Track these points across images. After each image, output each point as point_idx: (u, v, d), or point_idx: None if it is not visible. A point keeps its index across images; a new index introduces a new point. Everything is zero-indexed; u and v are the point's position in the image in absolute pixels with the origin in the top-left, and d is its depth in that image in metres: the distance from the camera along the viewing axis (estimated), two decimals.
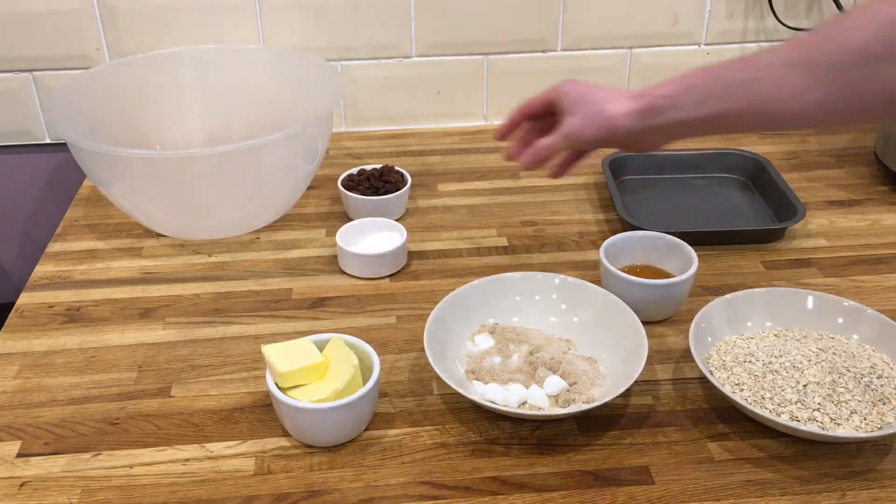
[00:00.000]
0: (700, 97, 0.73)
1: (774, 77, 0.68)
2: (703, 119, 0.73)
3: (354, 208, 1.04)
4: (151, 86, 1.11)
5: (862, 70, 0.64)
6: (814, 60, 0.66)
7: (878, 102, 0.65)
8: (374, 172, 1.07)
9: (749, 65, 0.71)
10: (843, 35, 0.65)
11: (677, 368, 0.81)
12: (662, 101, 0.74)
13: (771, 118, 0.71)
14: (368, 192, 1.04)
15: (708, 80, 0.73)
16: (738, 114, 0.71)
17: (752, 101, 0.70)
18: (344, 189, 1.04)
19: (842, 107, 0.67)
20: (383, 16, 1.22)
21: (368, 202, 1.02)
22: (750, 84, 0.70)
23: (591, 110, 0.78)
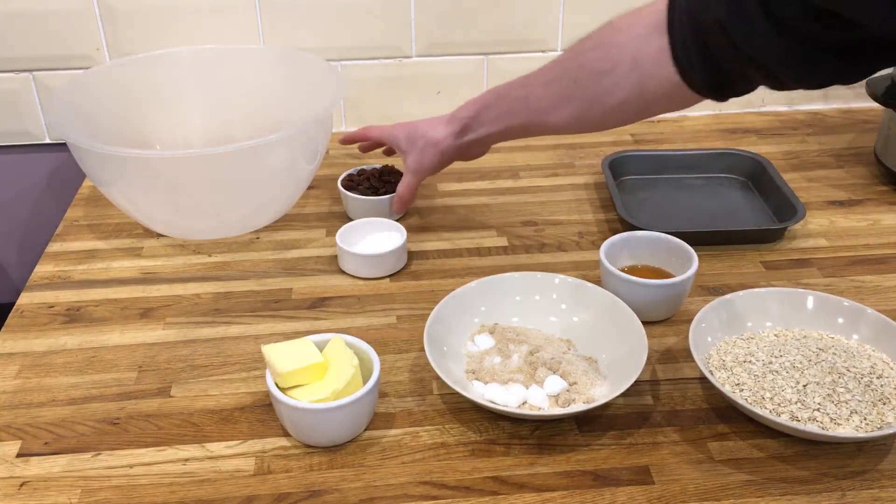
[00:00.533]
0: (493, 115, 0.88)
1: (538, 93, 0.83)
2: (500, 132, 0.89)
3: (354, 208, 1.04)
4: (151, 86, 1.11)
5: (595, 84, 0.77)
6: (564, 76, 0.80)
7: (612, 107, 0.77)
8: (373, 172, 1.07)
9: (525, 83, 0.84)
10: (582, 56, 0.78)
11: (677, 368, 0.81)
12: (468, 121, 0.91)
13: (543, 126, 0.84)
14: (368, 192, 1.04)
15: (499, 98, 0.88)
16: (521, 126, 0.86)
17: (529, 114, 0.84)
18: (344, 189, 1.04)
19: (588, 115, 0.80)
20: (383, 16, 1.22)
21: (368, 202, 1.02)
22: (524, 100, 0.84)
23: (420, 144, 0.95)
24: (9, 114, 1.24)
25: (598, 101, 0.78)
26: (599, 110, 0.79)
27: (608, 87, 0.76)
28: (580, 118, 0.81)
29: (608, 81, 0.76)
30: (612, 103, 0.77)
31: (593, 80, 0.77)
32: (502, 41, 1.25)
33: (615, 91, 0.76)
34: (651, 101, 0.75)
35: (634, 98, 0.75)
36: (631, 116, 0.80)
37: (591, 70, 0.77)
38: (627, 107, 0.77)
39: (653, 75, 0.73)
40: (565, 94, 0.80)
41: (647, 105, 0.76)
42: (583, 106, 0.79)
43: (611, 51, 0.75)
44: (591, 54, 0.77)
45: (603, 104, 0.78)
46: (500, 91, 0.88)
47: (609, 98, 0.77)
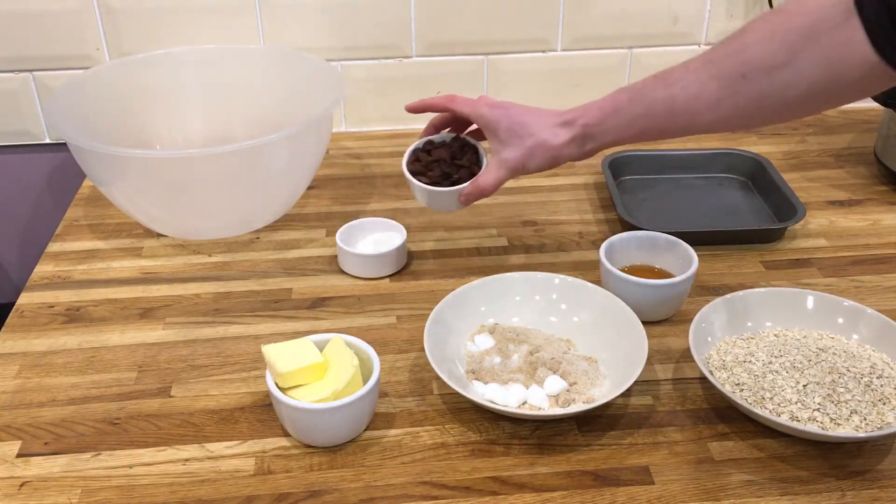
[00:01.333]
0: (625, 119, 0.80)
1: (690, 92, 0.75)
2: (630, 137, 0.81)
3: (426, 198, 0.89)
4: (151, 86, 1.11)
5: (767, 78, 0.70)
6: (724, 73, 0.73)
7: (785, 104, 0.71)
8: (444, 152, 0.89)
9: (665, 82, 0.77)
10: (749, 49, 0.71)
11: (677, 368, 0.81)
12: (593, 128, 0.81)
13: (688, 129, 0.78)
14: (441, 179, 0.88)
15: (631, 100, 0.79)
16: (660, 128, 0.79)
17: (671, 115, 0.77)
18: (411, 176, 0.88)
19: (753, 112, 0.73)
20: (383, 16, 1.22)
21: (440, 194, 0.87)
22: (668, 101, 0.76)
23: (531, 143, 0.83)
24: (9, 114, 1.24)
25: (772, 96, 0.71)
26: (772, 106, 0.72)
27: (787, 80, 0.69)
28: (746, 115, 0.74)
29: (787, 73, 0.69)
30: (791, 98, 0.70)
31: (766, 73, 0.70)
32: (502, 41, 1.25)
33: (796, 84, 0.69)
34: (842, 88, 0.68)
35: (821, 88, 0.69)
36: (812, 108, 0.73)
37: (764, 64, 0.70)
38: (811, 99, 0.70)
39: (845, 60, 0.66)
40: (727, 91, 0.73)
41: (835, 94, 0.70)
42: (751, 103, 0.72)
43: (788, 38, 0.68)
44: (761, 46, 0.70)
45: (780, 98, 0.71)
46: (633, 93, 0.79)
47: (788, 92, 0.70)
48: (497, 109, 0.85)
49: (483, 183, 0.85)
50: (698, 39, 1.28)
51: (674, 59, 0.76)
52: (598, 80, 1.29)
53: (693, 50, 1.28)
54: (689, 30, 1.27)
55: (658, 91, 0.77)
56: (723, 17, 1.26)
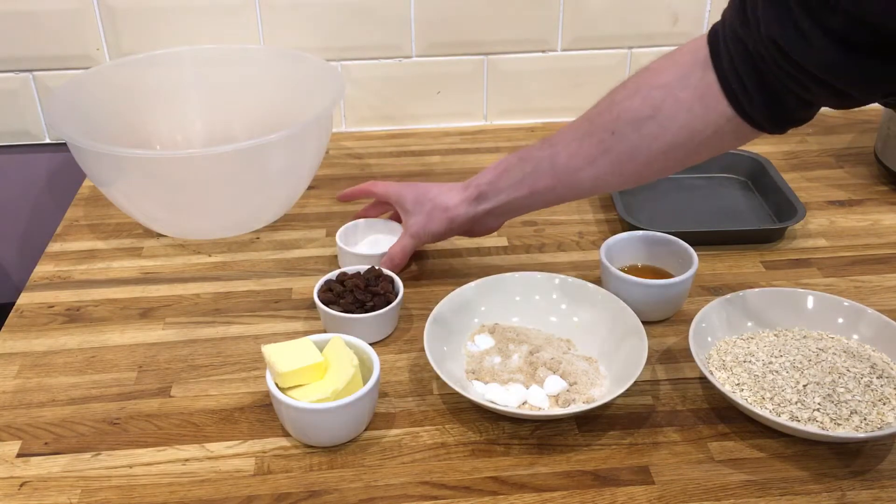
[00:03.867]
0: (515, 178, 0.82)
1: (568, 150, 0.78)
2: (523, 197, 0.83)
3: (334, 325, 0.84)
4: (151, 86, 1.11)
5: (636, 132, 0.73)
6: (598, 129, 0.75)
7: (653, 158, 0.74)
8: (358, 282, 0.86)
9: (550, 142, 0.80)
10: (617, 106, 0.74)
11: (677, 368, 0.81)
12: (485, 187, 0.85)
13: (573, 187, 0.80)
14: (353, 307, 0.84)
15: (521, 160, 0.82)
16: (548, 188, 0.81)
17: (556, 174, 0.79)
18: (322, 304, 0.84)
19: (628, 167, 0.76)
20: (383, 16, 1.22)
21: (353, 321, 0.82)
22: (551, 158, 0.79)
23: (428, 208, 0.89)
24: (9, 114, 1.24)
25: (639, 151, 0.73)
26: (642, 160, 0.74)
27: (652, 133, 0.72)
28: (619, 172, 0.76)
29: (651, 127, 0.72)
30: (657, 150, 0.73)
31: (633, 127, 0.73)
32: (502, 41, 1.25)
33: (660, 136, 0.72)
34: (701, 141, 0.71)
35: (683, 142, 0.71)
36: (675, 163, 0.75)
37: (631, 118, 0.72)
38: (674, 152, 0.73)
39: (702, 114, 0.69)
40: (601, 147, 0.75)
41: (696, 147, 0.72)
42: (621, 158, 0.75)
43: (651, 93, 0.71)
44: (628, 102, 0.73)
45: (646, 153, 0.73)
46: (521, 154, 0.82)
47: (653, 144, 0.72)
48: (408, 185, 0.92)
49: (391, 251, 0.91)
50: None
51: None
52: (598, 80, 1.29)
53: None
54: (689, 30, 1.27)
55: (543, 150, 0.80)
56: None
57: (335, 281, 0.87)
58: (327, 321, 0.84)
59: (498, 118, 1.32)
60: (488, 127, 1.31)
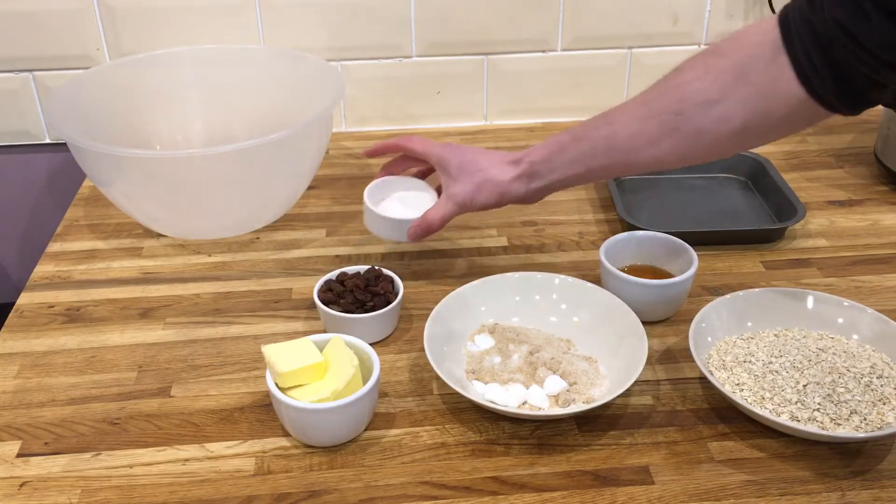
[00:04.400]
0: (569, 157, 0.81)
1: (629, 129, 0.77)
2: (577, 175, 0.82)
3: (334, 325, 0.84)
4: (151, 86, 1.11)
5: (704, 114, 0.72)
6: (661, 111, 0.75)
7: (719, 140, 0.73)
8: (358, 282, 0.86)
9: (607, 121, 0.79)
10: (685, 87, 0.73)
11: (677, 368, 0.81)
12: (539, 166, 0.83)
13: (630, 166, 0.80)
14: (353, 307, 0.84)
15: (575, 139, 0.81)
16: (603, 166, 0.80)
17: (614, 154, 0.79)
18: (322, 304, 0.84)
19: (691, 148, 0.75)
20: (383, 16, 1.22)
21: (353, 320, 0.83)
22: (609, 138, 0.78)
23: (479, 179, 0.85)
24: (9, 114, 1.24)
25: (706, 133, 0.73)
26: (708, 142, 0.73)
27: (722, 116, 0.71)
28: (682, 153, 0.75)
29: (720, 110, 0.71)
30: (725, 133, 0.72)
31: (702, 110, 0.72)
32: (502, 41, 1.25)
33: (731, 119, 0.71)
34: (772, 124, 0.71)
35: (754, 125, 0.71)
36: (745, 144, 0.75)
37: (700, 100, 0.72)
38: (744, 135, 0.72)
39: (774, 96, 0.68)
40: (665, 128, 0.74)
41: (766, 130, 0.72)
42: (687, 140, 0.74)
43: (721, 76, 0.70)
44: (697, 84, 0.72)
45: (713, 135, 0.72)
46: (576, 132, 0.81)
47: (723, 127, 0.72)
48: (450, 148, 0.88)
49: (430, 216, 0.88)
50: (698, 39, 1.28)
51: (674, 59, 0.76)
52: (598, 80, 1.29)
53: (693, 50, 1.27)
54: (689, 30, 1.27)
55: (600, 129, 0.79)
56: (723, 17, 1.26)
57: (335, 281, 0.87)
58: (327, 321, 0.84)
59: (498, 118, 1.32)
60: (488, 127, 1.31)
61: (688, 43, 1.28)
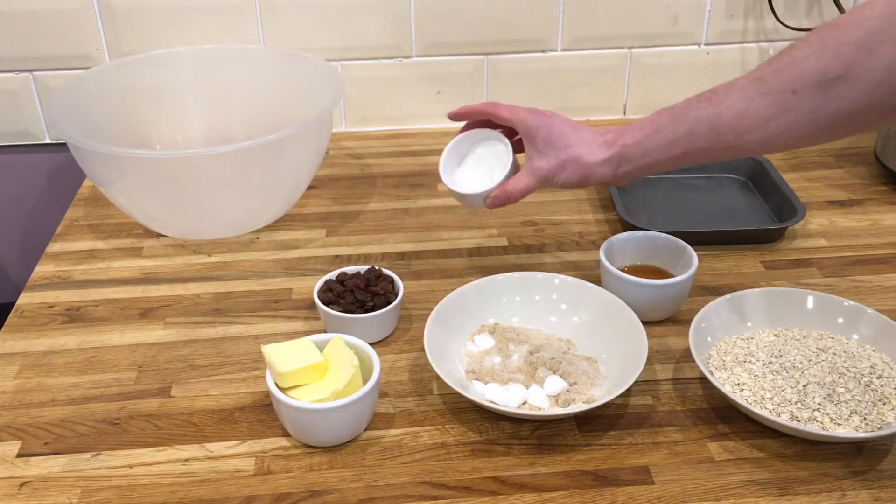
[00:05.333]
0: (666, 139, 0.76)
1: (736, 109, 0.72)
2: (673, 158, 0.77)
3: (334, 325, 0.84)
4: (151, 86, 1.11)
5: (823, 92, 0.67)
6: (773, 90, 0.70)
7: (841, 119, 0.68)
8: (358, 281, 0.86)
9: (710, 100, 0.74)
10: (800, 63, 0.68)
11: (677, 368, 0.81)
12: (632, 148, 0.78)
13: (734, 148, 0.74)
14: (354, 307, 0.84)
15: (674, 119, 0.76)
16: (704, 148, 0.75)
17: (716, 135, 0.73)
18: (322, 304, 0.84)
19: (806, 129, 0.70)
20: (383, 16, 1.22)
21: (353, 320, 0.83)
22: (713, 118, 0.73)
23: (565, 156, 0.80)
24: (9, 114, 1.24)
25: (823, 112, 0.68)
26: (824, 122, 0.69)
27: (842, 94, 0.67)
28: (794, 134, 0.71)
29: (842, 88, 0.66)
30: (844, 111, 0.67)
31: (820, 87, 0.67)
32: (502, 41, 1.25)
33: (852, 97, 0.66)
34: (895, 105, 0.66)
35: (877, 102, 0.66)
36: (860, 127, 0.70)
37: (816, 78, 0.67)
38: (863, 115, 0.68)
39: None
40: (777, 108, 0.70)
41: (888, 111, 0.67)
42: (801, 119, 0.69)
43: (842, 49, 0.65)
44: (813, 59, 0.67)
45: (831, 114, 0.68)
46: (673, 112, 0.76)
47: (842, 105, 0.67)
48: (539, 117, 0.82)
49: (511, 188, 0.83)
50: (698, 39, 1.28)
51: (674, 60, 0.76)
52: (598, 80, 1.29)
53: (693, 50, 1.28)
54: (689, 30, 1.27)
55: (702, 109, 0.74)
56: (723, 17, 1.26)
57: (335, 281, 0.87)
58: (327, 321, 0.84)
59: None
60: None
61: (688, 43, 1.28)
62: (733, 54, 1.29)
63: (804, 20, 1.27)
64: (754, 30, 1.28)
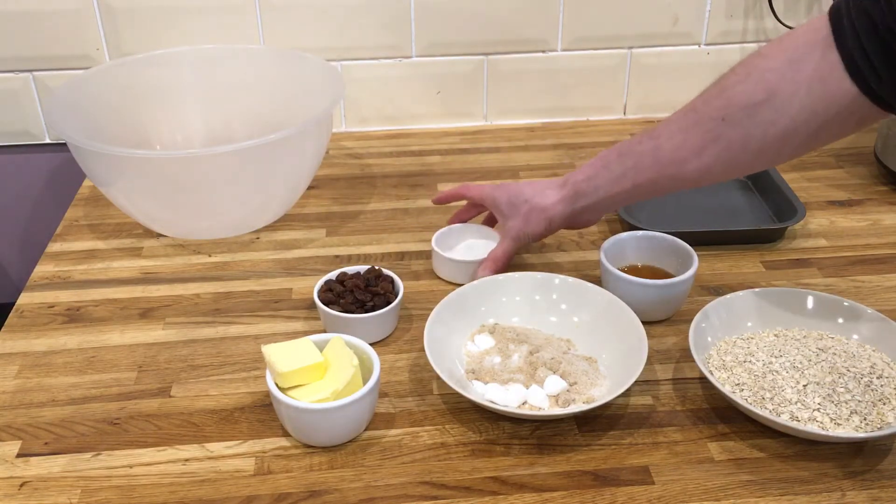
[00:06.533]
0: (615, 173, 0.81)
1: (673, 142, 0.76)
2: (623, 192, 0.81)
3: (335, 326, 0.84)
4: (151, 86, 1.11)
5: (749, 118, 0.70)
6: (704, 118, 0.73)
7: (770, 145, 0.71)
8: (358, 282, 0.86)
9: (651, 135, 0.78)
10: (728, 91, 0.72)
11: (677, 368, 0.81)
12: (583, 185, 0.83)
13: (677, 179, 0.78)
14: (353, 307, 0.84)
15: (620, 154, 0.80)
16: (650, 180, 0.79)
17: (659, 167, 0.77)
18: (322, 304, 0.84)
19: (738, 156, 0.73)
20: (383, 16, 1.22)
21: (353, 320, 0.83)
22: (654, 151, 0.77)
23: (524, 209, 0.87)
24: (9, 114, 1.24)
25: (752, 138, 0.71)
26: (754, 148, 0.71)
27: (767, 119, 0.69)
28: (728, 162, 0.74)
29: (766, 112, 0.69)
30: (772, 137, 0.70)
31: (746, 113, 0.70)
32: (502, 41, 1.25)
33: (776, 121, 0.69)
34: (820, 125, 0.68)
35: (800, 125, 0.69)
36: (790, 151, 0.72)
37: (743, 103, 0.70)
38: (790, 139, 0.70)
39: (822, 95, 0.66)
40: (709, 136, 0.73)
41: (814, 132, 0.69)
42: (732, 147, 0.72)
43: (765, 76, 0.68)
44: (740, 87, 0.70)
45: (759, 140, 0.71)
46: (620, 148, 0.81)
47: (769, 130, 0.70)
48: (499, 188, 0.90)
49: (493, 254, 0.89)
50: (698, 39, 1.28)
51: (674, 60, 0.76)
52: (598, 80, 1.29)
53: (693, 50, 1.28)
54: (689, 30, 1.27)
55: (644, 144, 0.78)
56: (723, 17, 1.26)
57: (335, 281, 0.87)
58: (327, 321, 0.84)
59: (498, 118, 1.32)
60: (488, 127, 1.31)
61: (688, 43, 1.28)
62: (733, 54, 1.29)
63: (804, 20, 1.27)
64: (754, 30, 1.28)
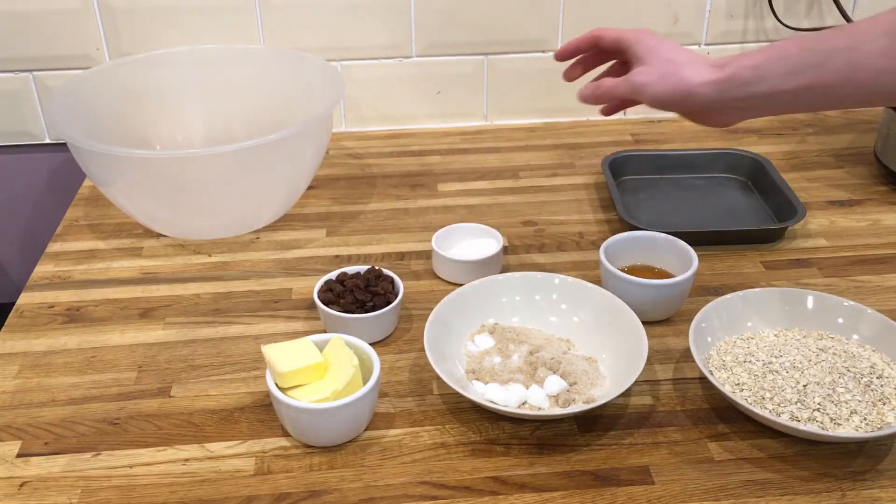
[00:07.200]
0: (791, 67, 0.68)
1: (875, 46, 0.65)
2: (792, 91, 0.69)
3: (335, 326, 0.84)
4: (151, 86, 1.11)
5: None
6: None
7: None
8: (357, 282, 0.86)
9: (847, 34, 0.67)
10: None
11: (677, 368, 0.81)
12: (748, 71, 0.70)
13: (867, 90, 0.67)
14: (353, 307, 0.84)
15: (802, 48, 0.68)
16: (830, 86, 0.67)
17: (850, 71, 0.66)
18: (322, 304, 0.84)
19: None
20: (383, 16, 1.22)
21: (354, 321, 0.83)
22: (847, 52, 0.66)
23: (667, 69, 0.73)
24: (9, 114, 1.24)
25: None
26: None
27: None
28: None
29: None
30: None
31: None
32: (502, 41, 1.25)
33: None
34: None
35: None
36: None
37: None
38: None
39: None
40: None
41: None
42: None
43: None
44: None
45: None
46: (803, 42, 0.68)
47: None
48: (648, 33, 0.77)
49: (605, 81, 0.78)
50: (698, 39, 1.28)
51: None
52: None
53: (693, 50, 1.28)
54: (689, 30, 1.27)
55: (837, 41, 0.67)
56: (723, 17, 1.26)
57: (335, 281, 0.87)
58: (327, 321, 0.84)
59: (498, 118, 1.32)
60: (488, 127, 1.31)
61: (688, 43, 1.28)
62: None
63: (804, 20, 1.27)
64: (754, 30, 1.28)
